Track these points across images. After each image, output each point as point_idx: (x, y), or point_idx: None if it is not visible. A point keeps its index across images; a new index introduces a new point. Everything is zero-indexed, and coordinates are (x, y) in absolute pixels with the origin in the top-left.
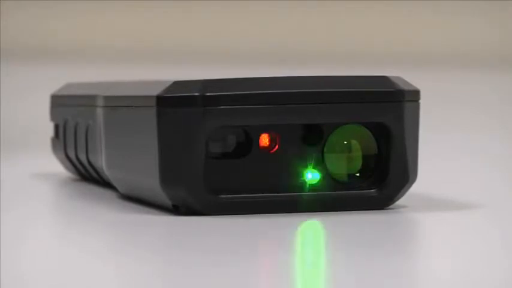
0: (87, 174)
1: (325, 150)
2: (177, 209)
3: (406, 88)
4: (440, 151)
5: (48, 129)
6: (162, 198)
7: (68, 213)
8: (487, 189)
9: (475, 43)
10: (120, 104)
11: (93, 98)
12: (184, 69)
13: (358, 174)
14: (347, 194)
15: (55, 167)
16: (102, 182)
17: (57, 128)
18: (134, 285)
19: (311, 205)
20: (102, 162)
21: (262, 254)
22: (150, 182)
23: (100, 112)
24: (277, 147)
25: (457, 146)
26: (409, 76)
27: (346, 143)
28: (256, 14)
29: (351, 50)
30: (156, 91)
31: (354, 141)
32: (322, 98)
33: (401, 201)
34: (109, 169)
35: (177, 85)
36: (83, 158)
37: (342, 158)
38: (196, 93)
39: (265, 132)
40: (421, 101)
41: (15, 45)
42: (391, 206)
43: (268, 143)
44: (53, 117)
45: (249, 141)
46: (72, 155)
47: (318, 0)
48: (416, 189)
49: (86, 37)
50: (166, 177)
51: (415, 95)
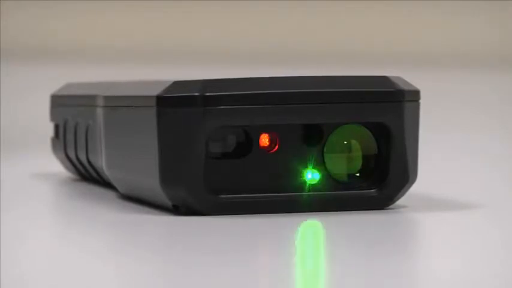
0: (87, 174)
1: (325, 150)
2: (177, 209)
3: (406, 88)
4: (440, 151)
5: (48, 129)
6: (162, 198)
7: (68, 213)
8: (487, 189)
9: (475, 43)
10: (120, 104)
11: (93, 98)
12: (184, 69)
13: (358, 174)
14: (347, 194)
15: (55, 167)
16: (102, 182)
17: (57, 128)
18: (134, 285)
19: (311, 205)
20: (102, 162)
21: (262, 254)
22: (150, 182)
23: (100, 112)
24: (277, 147)
25: (457, 146)
26: (409, 76)
27: (346, 143)
28: (256, 14)
29: (351, 50)
30: (156, 91)
31: (354, 141)
32: (322, 98)
33: (401, 201)
34: (109, 169)
35: (177, 85)
36: (83, 158)
37: (342, 158)
38: (196, 93)
39: (265, 132)
40: (421, 101)
41: (15, 45)
42: (391, 206)
43: (268, 143)
44: (53, 117)
45: (249, 141)
46: (72, 155)
47: (318, 0)
48: (416, 189)
49: (85, 37)
50: (166, 177)
51: (415, 95)
